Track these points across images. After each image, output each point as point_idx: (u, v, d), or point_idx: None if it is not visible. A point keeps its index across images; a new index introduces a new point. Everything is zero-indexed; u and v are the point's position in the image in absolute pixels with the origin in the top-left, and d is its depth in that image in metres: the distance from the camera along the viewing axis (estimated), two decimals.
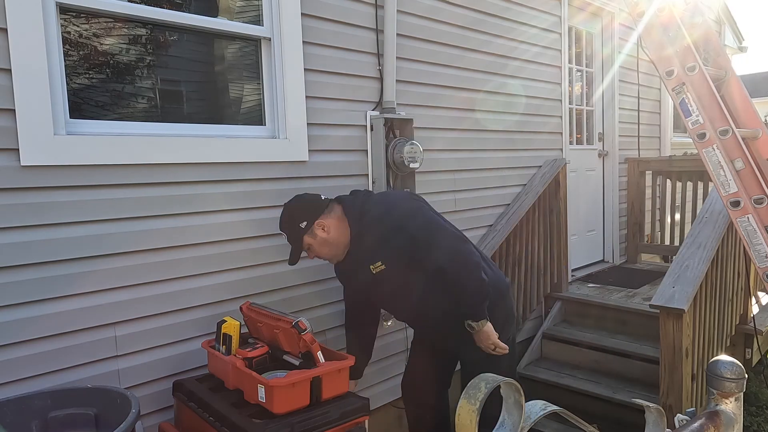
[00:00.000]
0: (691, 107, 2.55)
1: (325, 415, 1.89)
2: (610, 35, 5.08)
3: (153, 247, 2.18)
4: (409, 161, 2.89)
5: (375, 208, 2.21)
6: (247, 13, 2.56)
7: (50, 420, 1.80)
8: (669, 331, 2.68)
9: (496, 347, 2.22)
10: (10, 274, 1.86)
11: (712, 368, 1.05)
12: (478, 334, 2.20)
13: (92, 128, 2.05)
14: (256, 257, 2.50)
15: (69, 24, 2.04)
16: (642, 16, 2.71)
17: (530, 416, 0.75)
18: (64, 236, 1.96)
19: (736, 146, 2.48)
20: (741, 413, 1.06)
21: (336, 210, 2.24)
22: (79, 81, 2.08)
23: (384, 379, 3.11)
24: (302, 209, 2.23)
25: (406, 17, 3.10)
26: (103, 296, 2.06)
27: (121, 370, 2.12)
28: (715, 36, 2.89)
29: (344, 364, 2.02)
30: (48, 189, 1.92)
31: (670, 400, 2.72)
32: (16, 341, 1.88)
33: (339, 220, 2.22)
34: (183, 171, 2.25)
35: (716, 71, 2.74)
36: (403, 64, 3.09)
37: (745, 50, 8.10)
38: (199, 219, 2.31)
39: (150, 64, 2.30)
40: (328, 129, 2.77)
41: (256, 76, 2.58)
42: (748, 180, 2.47)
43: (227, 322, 2.12)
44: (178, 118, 2.35)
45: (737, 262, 3.48)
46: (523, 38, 3.96)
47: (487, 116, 3.67)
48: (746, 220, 2.48)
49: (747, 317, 3.74)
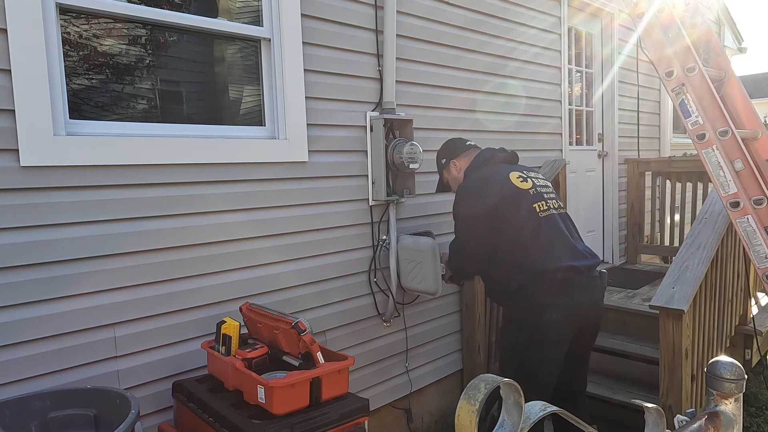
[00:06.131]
0: (690, 108, 2.55)
1: (325, 416, 1.89)
2: (610, 36, 5.08)
3: (152, 248, 2.18)
4: (409, 162, 2.89)
5: (473, 176, 2.52)
6: (247, 13, 2.56)
7: (50, 420, 1.80)
8: (669, 332, 2.68)
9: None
10: (10, 274, 1.86)
11: (712, 369, 1.05)
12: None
13: (92, 129, 2.05)
14: (256, 257, 2.50)
15: (69, 24, 2.04)
16: (642, 17, 2.71)
17: (530, 417, 0.75)
18: (64, 237, 1.96)
19: (735, 147, 2.49)
20: (741, 414, 1.05)
21: (471, 155, 2.64)
22: (78, 81, 2.08)
23: (384, 379, 3.11)
24: (446, 148, 2.76)
25: (405, 18, 3.10)
26: (103, 297, 2.06)
27: (120, 371, 2.12)
28: (714, 37, 2.89)
29: (344, 364, 2.01)
30: (48, 189, 1.92)
31: (669, 400, 2.72)
32: (16, 342, 1.88)
33: (466, 164, 2.62)
34: (182, 171, 2.25)
35: (716, 72, 2.74)
36: (402, 65, 3.09)
37: (744, 51, 8.11)
38: (199, 219, 2.31)
39: (150, 64, 2.30)
40: (328, 129, 2.77)
41: (256, 77, 2.58)
42: (748, 181, 2.47)
43: (227, 323, 2.12)
44: (177, 119, 2.35)
45: (737, 263, 3.48)
46: (523, 39, 3.97)
47: (487, 117, 3.68)
48: (746, 220, 2.48)
49: (746, 318, 3.74)
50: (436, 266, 2.85)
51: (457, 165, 2.66)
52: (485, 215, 2.34)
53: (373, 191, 2.95)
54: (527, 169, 2.56)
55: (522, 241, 2.32)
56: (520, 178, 2.43)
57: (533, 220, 2.33)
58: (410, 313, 3.24)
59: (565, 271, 2.29)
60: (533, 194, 2.39)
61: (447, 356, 3.52)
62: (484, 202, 2.36)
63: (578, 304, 2.33)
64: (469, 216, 2.41)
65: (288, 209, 2.61)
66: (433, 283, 2.88)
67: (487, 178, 2.44)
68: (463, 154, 2.66)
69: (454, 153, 2.69)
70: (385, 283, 3.05)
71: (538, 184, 2.46)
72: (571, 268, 2.30)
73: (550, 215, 2.38)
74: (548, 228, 2.35)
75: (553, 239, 2.34)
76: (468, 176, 2.56)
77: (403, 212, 3.15)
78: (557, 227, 2.38)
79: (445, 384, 3.54)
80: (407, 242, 2.97)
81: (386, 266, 3.03)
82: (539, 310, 2.29)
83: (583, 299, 2.34)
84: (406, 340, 3.22)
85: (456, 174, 2.67)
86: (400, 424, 3.24)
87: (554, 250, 2.32)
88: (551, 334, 2.30)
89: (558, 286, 2.29)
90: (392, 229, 3.01)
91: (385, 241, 3.02)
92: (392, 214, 3.02)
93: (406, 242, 2.98)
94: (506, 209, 2.34)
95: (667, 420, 0.96)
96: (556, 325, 2.29)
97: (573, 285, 2.30)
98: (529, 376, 2.30)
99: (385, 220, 3.03)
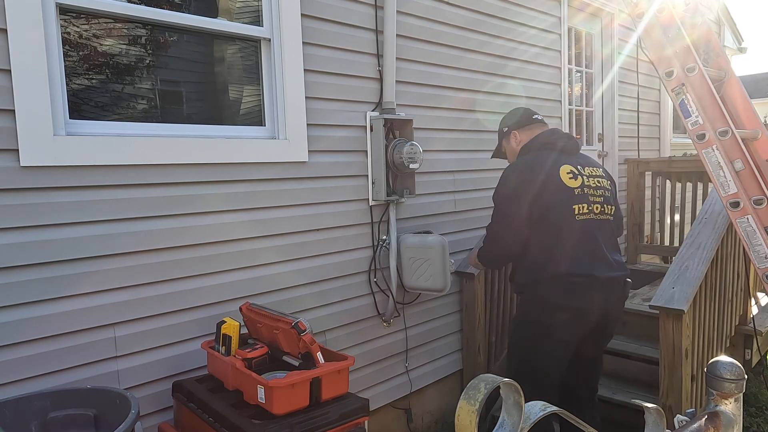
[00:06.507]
0: (690, 108, 2.55)
1: (325, 416, 1.89)
2: (610, 36, 5.08)
3: (152, 248, 2.18)
4: (409, 162, 2.89)
5: (524, 160, 2.46)
6: (247, 13, 2.56)
7: (50, 421, 1.80)
8: (669, 332, 2.68)
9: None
10: (10, 274, 1.86)
11: (712, 369, 1.05)
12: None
13: (92, 129, 2.05)
14: (256, 257, 2.50)
15: (69, 24, 2.04)
16: (642, 17, 2.71)
17: (530, 417, 0.75)
18: (64, 237, 1.96)
19: (735, 147, 2.49)
20: (741, 414, 1.05)
21: (534, 131, 2.56)
22: (78, 81, 2.08)
23: (384, 379, 3.11)
24: (511, 116, 2.69)
25: (405, 18, 3.10)
26: (103, 297, 2.06)
27: (120, 371, 2.11)
28: (714, 37, 2.89)
29: (344, 364, 2.01)
30: (48, 189, 1.92)
31: (669, 400, 2.72)
32: (16, 342, 1.88)
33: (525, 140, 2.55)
34: (182, 171, 2.25)
35: (716, 72, 2.74)
36: (402, 65, 3.09)
37: (744, 51, 8.11)
38: (199, 219, 2.31)
39: (150, 64, 2.30)
40: (328, 129, 2.77)
41: (256, 77, 2.58)
42: (748, 181, 2.48)
43: (227, 323, 2.12)
44: (177, 119, 2.35)
45: (737, 263, 3.48)
46: (523, 39, 3.97)
47: (487, 117, 3.67)
48: (746, 220, 2.48)
49: (746, 318, 3.74)
50: (446, 263, 2.86)
51: (518, 137, 2.60)
52: (526, 204, 2.31)
53: (373, 191, 2.95)
54: (586, 162, 2.47)
55: (550, 239, 2.30)
56: (571, 174, 2.35)
57: (568, 222, 2.29)
58: (410, 313, 3.24)
59: (581, 276, 2.27)
60: (578, 194, 2.33)
61: (447, 356, 3.52)
62: (526, 189, 2.32)
63: (589, 308, 2.31)
64: (510, 200, 2.37)
65: (288, 209, 2.61)
66: (442, 280, 2.88)
67: (537, 165, 2.37)
68: (526, 127, 2.59)
69: (517, 123, 2.62)
70: (385, 283, 3.05)
71: (589, 184, 2.37)
72: (589, 275, 2.27)
73: (587, 220, 2.32)
74: (581, 232, 2.30)
75: (581, 245, 2.30)
76: (522, 156, 2.52)
77: (403, 212, 3.15)
78: (590, 233, 2.32)
79: (445, 384, 3.54)
80: (413, 240, 2.97)
81: (386, 266, 3.03)
82: (549, 310, 2.30)
83: (593, 305, 2.31)
84: (406, 340, 3.22)
85: (515, 146, 2.61)
86: (400, 424, 3.24)
87: (578, 257, 2.29)
88: (557, 334, 2.31)
89: (570, 290, 2.27)
90: (392, 229, 3.01)
91: (385, 241, 3.02)
92: (392, 214, 3.02)
93: (412, 240, 2.98)
94: (545, 204, 2.30)
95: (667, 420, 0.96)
96: (563, 326, 2.30)
97: (587, 290, 2.28)
98: (533, 372, 2.33)
99: (385, 220, 3.03)
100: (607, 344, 2.58)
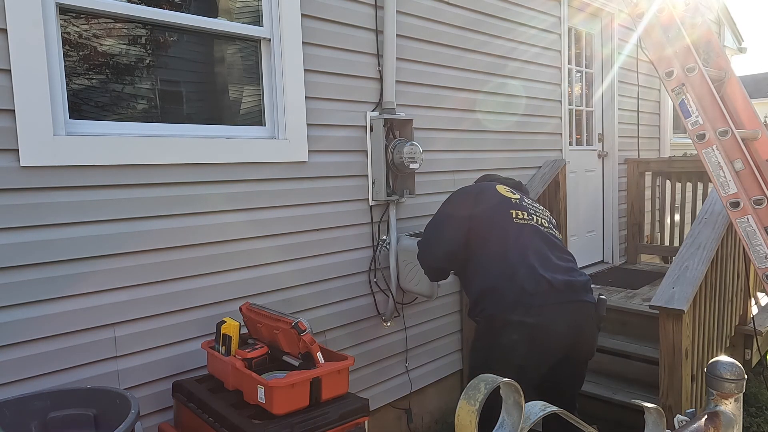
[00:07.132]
0: (690, 108, 2.55)
1: (325, 416, 1.89)
2: (610, 36, 5.08)
3: (153, 248, 2.18)
4: (409, 162, 2.89)
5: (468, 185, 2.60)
6: (247, 13, 2.56)
7: (50, 420, 1.80)
8: (669, 332, 2.68)
9: None
10: (10, 274, 1.86)
11: (712, 369, 1.04)
12: None
13: (92, 129, 2.05)
14: (256, 257, 2.50)
15: (69, 24, 2.04)
16: (642, 17, 2.71)
17: (530, 417, 0.74)
18: (64, 237, 1.96)
19: (735, 147, 2.48)
20: (741, 414, 1.05)
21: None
22: (78, 81, 2.08)
23: (384, 379, 3.11)
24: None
25: (405, 18, 3.10)
26: (103, 297, 2.06)
27: (120, 371, 2.11)
28: (714, 37, 2.89)
29: (344, 364, 2.01)
30: (48, 189, 1.92)
31: (669, 400, 2.72)
32: (16, 342, 1.88)
33: None
34: (182, 172, 2.25)
35: (716, 72, 2.74)
36: (402, 65, 3.09)
37: (744, 51, 8.11)
38: (199, 219, 2.31)
39: (150, 64, 2.30)
40: (328, 129, 2.77)
41: (256, 77, 2.58)
42: (748, 181, 2.47)
43: (227, 323, 2.12)
44: (177, 119, 2.35)
45: (737, 263, 3.48)
46: (523, 39, 3.97)
47: (487, 117, 3.68)
48: (746, 220, 2.48)
49: (746, 318, 3.74)
50: None
51: None
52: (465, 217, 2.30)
53: (373, 191, 2.95)
54: (525, 193, 2.56)
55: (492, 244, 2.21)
56: (509, 191, 2.42)
57: (508, 224, 2.23)
58: (410, 313, 3.24)
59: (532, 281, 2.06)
60: (515, 203, 2.32)
61: (447, 356, 3.52)
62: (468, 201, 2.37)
63: (549, 326, 2.04)
64: (450, 211, 2.40)
65: (288, 209, 2.61)
66: (428, 287, 2.88)
67: (478, 185, 2.52)
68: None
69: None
70: (385, 283, 3.05)
71: (528, 202, 2.39)
72: (542, 278, 2.05)
73: (527, 224, 2.25)
74: (522, 235, 2.21)
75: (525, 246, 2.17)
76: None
77: (403, 212, 3.15)
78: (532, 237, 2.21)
79: (445, 384, 3.54)
80: (406, 244, 2.97)
81: (386, 266, 3.03)
82: (498, 327, 2.07)
83: (557, 322, 2.04)
84: (406, 340, 3.22)
85: None
86: (400, 424, 3.24)
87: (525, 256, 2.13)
88: (513, 358, 2.04)
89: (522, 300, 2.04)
90: (392, 229, 3.01)
91: (385, 241, 3.02)
92: (392, 214, 3.02)
93: (405, 244, 2.97)
94: (483, 211, 2.29)
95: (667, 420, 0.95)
96: (517, 347, 2.03)
97: (543, 302, 2.03)
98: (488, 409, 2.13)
99: (385, 220, 3.03)
100: (581, 377, 2.30)
